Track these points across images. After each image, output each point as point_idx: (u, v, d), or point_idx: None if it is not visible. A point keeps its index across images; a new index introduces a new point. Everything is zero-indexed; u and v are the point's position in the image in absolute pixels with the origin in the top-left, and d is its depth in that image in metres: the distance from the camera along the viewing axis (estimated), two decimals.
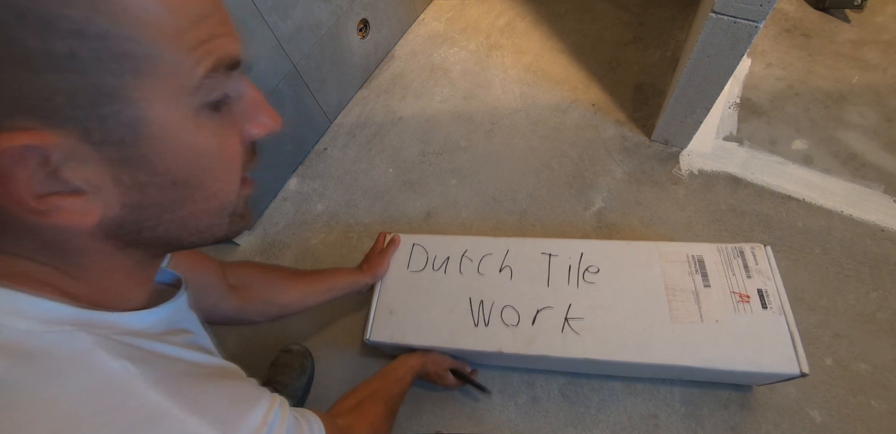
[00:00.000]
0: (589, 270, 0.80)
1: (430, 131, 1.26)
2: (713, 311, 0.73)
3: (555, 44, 1.40)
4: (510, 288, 0.81)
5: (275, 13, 0.95)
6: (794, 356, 0.68)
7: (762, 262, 0.77)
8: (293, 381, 0.89)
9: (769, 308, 0.72)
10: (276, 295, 0.68)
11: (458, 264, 0.85)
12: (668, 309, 0.74)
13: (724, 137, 1.16)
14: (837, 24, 1.32)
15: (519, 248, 0.85)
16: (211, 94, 0.26)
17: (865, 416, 0.82)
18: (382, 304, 0.83)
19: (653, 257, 0.79)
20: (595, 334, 0.74)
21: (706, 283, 0.76)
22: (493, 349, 0.76)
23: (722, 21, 0.81)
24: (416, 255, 0.88)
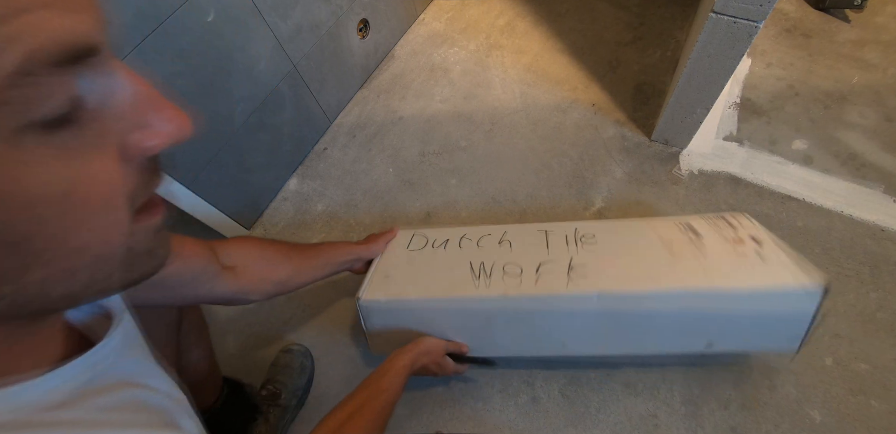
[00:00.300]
0: (584, 238, 0.81)
1: (430, 131, 1.26)
2: (713, 251, 0.73)
3: (555, 44, 1.40)
4: (510, 253, 0.80)
5: (275, 13, 0.95)
6: (803, 276, 0.66)
7: (744, 222, 0.80)
8: (293, 381, 0.89)
9: (764, 246, 0.72)
10: (272, 272, 0.66)
11: (458, 242, 0.85)
12: (668, 253, 0.74)
13: (724, 137, 1.16)
14: (837, 24, 1.32)
15: (516, 229, 0.86)
16: (36, 106, 0.17)
17: (865, 416, 0.82)
18: (380, 271, 0.82)
19: (644, 227, 0.83)
20: (601, 274, 0.72)
21: (697, 236, 0.77)
22: (497, 293, 0.72)
23: (722, 21, 0.81)
24: (416, 240, 0.88)
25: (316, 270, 0.74)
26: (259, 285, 0.64)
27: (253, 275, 0.63)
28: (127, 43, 0.71)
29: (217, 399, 0.76)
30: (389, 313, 0.77)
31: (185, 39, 0.79)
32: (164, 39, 0.76)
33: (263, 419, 0.83)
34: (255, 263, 0.64)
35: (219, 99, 0.91)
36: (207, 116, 0.91)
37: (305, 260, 0.72)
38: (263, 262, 0.65)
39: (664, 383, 0.88)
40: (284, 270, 0.68)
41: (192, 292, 0.55)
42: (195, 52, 0.82)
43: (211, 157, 0.95)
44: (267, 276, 0.65)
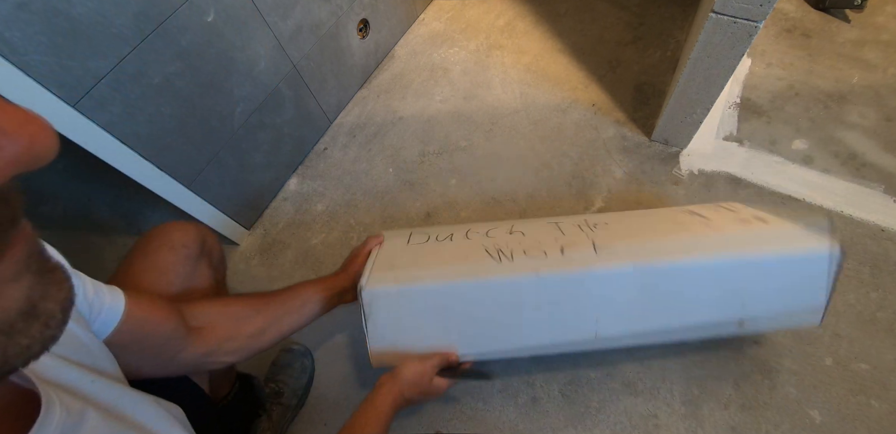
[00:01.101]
0: (597, 225, 0.79)
1: (430, 131, 1.26)
2: (727, 228, 0.74)
3: (555, 44, 1.40)
4: (525, 240, 0.75)
5: (275, 13, 0.95)
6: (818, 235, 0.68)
7: (742, 207, 0.82)
8: (294, 380, 0.90)
9: (770, 222, 0.74)
10: (240, 328, 0.60)
11: (465, 234, 0.78)
12: (686, 230, 0.75)
13: (724, 137, 1.16)
14: (837, 24, 1.32)
15: (523, 222, 0.84)
16: None
17: (865, 416, 0.82)
18: (382, 262, 0.72)
19: (652, 213, 0.85)
20: (629, 249, 0.70)
21: (707, 219, 0.78)
22: (528, 271, 0.66)
23: (722, 21, 0.81)
24: (415, 237, 0.81)
25: (294, 315, 0.67)
26: (228, 345, 0.58)
27: (220, 334, 0.58)
28: (127, 43, 0.71)
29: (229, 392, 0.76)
30: (399, 304, 0.67)
31: (185, 39, 0.79)
32: (164, 39, 0.76)
33: (267, 416, 0.84)
34: (220, 322, 0.59)
35: (219, 99, 0.91)
36: (207, 116, 0.91)
37: (280, 307, 0.65)
38: (229, 320, 0.60)
39: (664, 383, 0.88)
40: (254, 324, 0.62)
41: (159, 362, 0.51)
42: (195, 52, 0.82)
43: (211, 157, 0.95)
44: (235, 334, 0.59)
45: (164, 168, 0.85)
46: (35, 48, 0.61)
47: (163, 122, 0.82)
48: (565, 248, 0.70)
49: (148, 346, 0.47)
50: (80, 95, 0.68)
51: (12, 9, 0.58)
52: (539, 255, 0.69)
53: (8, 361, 0.17)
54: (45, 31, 0.62)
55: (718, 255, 0.68)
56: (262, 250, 1.11)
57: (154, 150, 0.82)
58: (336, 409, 0.91)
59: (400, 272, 0.69)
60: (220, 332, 0.58)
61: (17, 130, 0.14)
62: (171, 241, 0.63)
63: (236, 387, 0.78)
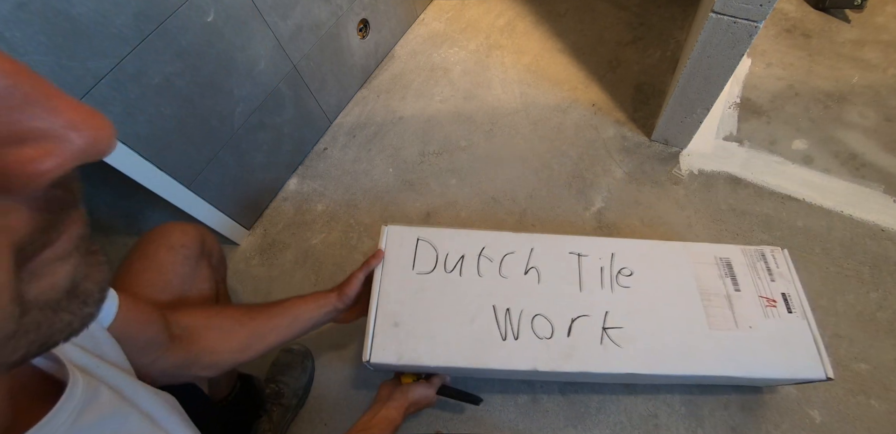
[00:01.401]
0: (622, 273, 0.75)
1: (430, 131, 1.26)
2: (746, 317, 0.72)
3: (555, 44, 1.40)
4: (539, 293, 0.72)
5: (275, 13, 0.95)
6: (819, 361, 0.69)
7: (782, 265, 0.78)
8: (294, 380, 0.90)
9: (794, 312, 0.73)
10: (223, 341, 0.58)
11: (476, 264, 0.74)
12: (705, 315, 0.72)
13: (724, 137, 1.16)
14: (837, 24, 1.32)
15: (544, 247, 0.77)
16: None
17: (865, 416, 0.82)
18: (384, 314, 0.70)
19: (683, 258, 0.77)
20: (636, 346, 0.69)
21: (736, 286, 0.75)
22: (527, 367, 0.67)
23: (722, 21, 0.81)
24: (422, 253, 0.75)
25: (282, 332, 0.65)
26: (207, 357, 0.57)
27: (201, 345, 0.56)
28: (127, 43, 0.71)
29: (230, 392, 0.76)
30: (404, 368, 0.71)
31: (185, 39, 0.79)
32: (164, 39, 0.76)
33: (268, 417, 0.84)
34: (203, 333, 0.57)
35: (219, 99, 0.91)
36: (207, 116, 0.91)
37: (266, 322, 0.64)
38: (213, 332, 0.58)
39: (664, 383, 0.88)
40: (237, 339, 0.60)
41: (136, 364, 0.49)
42: (195, 52, 0.82)
43: (211, 157, 0.95)
44: (216, 347, 0.58)
45: (164, 168, 0.85)
46: (35, 48, 0.61)
47: (163, 122, 0.82)
48: (575, 322, 0.70)
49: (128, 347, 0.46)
50: (79, 95, 0.68)
51: (12, 9, 0.58)
52: (545, 332, 0.69)
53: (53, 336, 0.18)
54: (45, 31, 0.62)
55: (715, 375, 0.69)
56: (262, 250, 1.11)
57: (154, 150, 0.82)
58: (336, 409, 0.91)
59: (403, 343, 0.68)
60: (202, 344, 0.56)
61: (85, 125, 0.15)
62: (171, 241, 0.63)
63: (237, 387, 0.78)
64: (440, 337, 0.69)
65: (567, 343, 0.69)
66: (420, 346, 0.68)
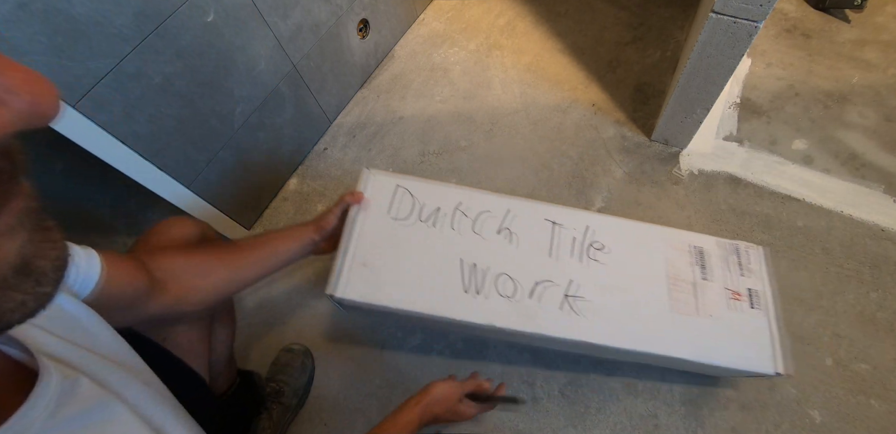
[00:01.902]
0: (594, 246, 0.76)
1: (430, 131, 1.26)
2: (708, 306, 0.73)
3: (555, 44, 1.40)
4: (508, 254, 0.73)
5: (275, 13, 0.95)
6: (772, 357, 0.70)
7: (755, 262, 0.79)
8: (294, 380, 0.90)
9: (757, 308, 0.74)
10: (203, 280, 0.59)
11: (451, 218, 0.74)
12: (668, 298, 0.73)
13: (724, 137, 1.16)
14: (837, 24, 1.32)
15: (521, 211, 0.77)
16: None
17: (865, 416, 0.82)
18: (354, 253, 0.70)
19: (658, 241, 0.78)
20: (595, 316, 0.70)
21: (704, 275, 0.76)
22: (486, 322, 0.68)
23: (722, 21, 0.81)
24: (399, 201, 0.75)
25: (260, 265, 0.66)
26: (194, 296, 0.58)
27: (183, 286, 0.57)
28: (127, 43, 0.71)
29: (230, 387, 0.77)
30: (366, 309, 0.70)
31: (185, 39, 0.79)
32: (164, 39, 0.76)
33: (267, 415, 0.84)
34: (183, 274, 0.58)
35: (219, 99, 0.91)
36: (207, 116, 0.91)
37: (243, 257, 0.64)
38: (192, 271, 0.59)
39: (664, 383, 0.88)
40: (218, 275, 0.61)
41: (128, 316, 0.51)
42: (195, 52, 0.82)
43: (211, 157, 0.95)
44: (198, 285, 0.59)
45: (164, 168, 0.85)
46: (35, 48, 0.61)
47: (163, 122, 0.82)
48: (538, 286, 0.71)
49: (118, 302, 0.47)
50: (80, 95, 0.68)
51: (12, 9, 0.58)
52: (508, 290, 0.70)
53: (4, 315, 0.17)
54: (45, 31, 0.62)
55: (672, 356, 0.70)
56: None
57: (154, 150, 0.82)
58: (336, 409, 0.91)
59: (370, 283, 0.68)
60: (185, 284, 0.57)
61: (23, 88, 0.15)
62: (172, 236, 0.64)
63: (237, 383, 0.78)
64: (405, 282, 0.69)
65: (528, 304, 0.70)
66: (385, 287, 0.68)
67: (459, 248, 0.73)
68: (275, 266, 0.68)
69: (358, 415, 0.90)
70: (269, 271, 0.67)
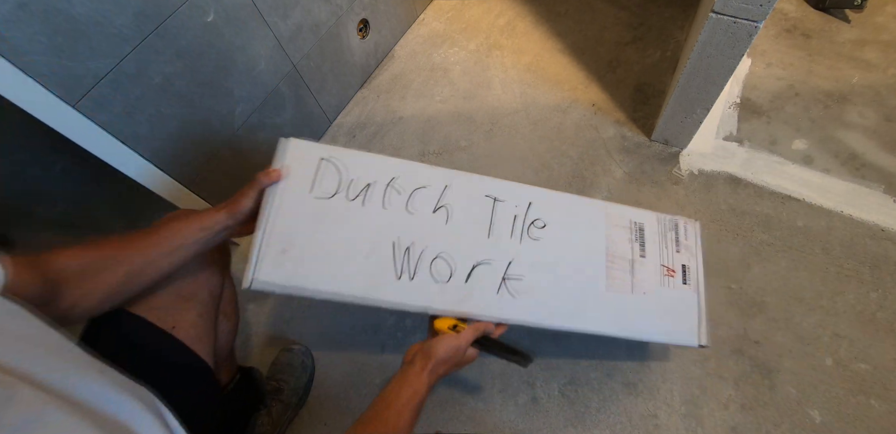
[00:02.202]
0: (535, 224, 0.74)
1: (430, 131, 1.26)
2: (643, 283, 0.75)
3: (555, 44, 1.40)
4: (444, 234, 0.68)
5: (275, 13, 0.95)
6: (696, 330, 0.75)
7: (691, 237, 0.81)
8: (294, 379, 0.90)
9: (688, 284, 0.77)
10: (96, 281, 0.54)
11: (382, 195, 0.68)
12: (605, 276, 0.74)
13: (724, 137, 1.16)
14: (837, 24, 1.32)
15: (460, 185, 0.72)
16: None
17: (865, 416, 0.82)
18: (272, 237, 0.61)
19: (599, 218, 0.78)
20: (530, 297, 0.68)
21: (643, 253, 0.77)
22: (419, 305, 0.64)
23: (722, 21, 0.81)
24: (323, 176, 0.66)
25: (164, 259, 0.58)
26: (85, 301, 0.53)
27: (74, 290, 0.52)
28: (127, 43, 0.71)
29: (230, 382, 0.77)
30: (287, 293, 0.62)
31: (185, 39, 0.79)
32: (164, 39, 0.76)
33: (267, 412, 0.84)
34: (75, 276, 0.53)
35: (219, 99, 0.91)
36: (207, 116, 0.91)
37: (142, 251, 0.58)
38: (84, 272, 0.53)
39: (664, 383, 0.88)
40: (114, 275, 0.55)
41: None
42: (195, 52, 0.82)
43: (211, 156, 0.95)
44: (91, 289, 0.53)
45: (164, 168, 0.85)
46: (35, 48, 0.61)
47: (163, 122, 0.82)
48: (476, 269, 0.67)
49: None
50: (80, 95, 0.68)
51: (12, 9, 0.58)
52: (443, 275, 0.66)
53: None
54: (45, 31, 0.62)
55: (604, 332, 0.71)
56: None
57: (154, 150, 0.82)
58: (336, 409, 0.91)
59: (289, 267, 0.61)
60: (77, 287, 0.52)
61: None
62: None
63: (237, 377, 0.78)
64: (332, 267, 0.63)
65: (463, 288, 0.66)
66: (309, 275, 0.62)
67: (391, 229, 0.66)
68: (183, 257, 0.60)
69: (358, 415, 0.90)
70: (178, 264, 0.60)
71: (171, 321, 0.60)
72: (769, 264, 0.98)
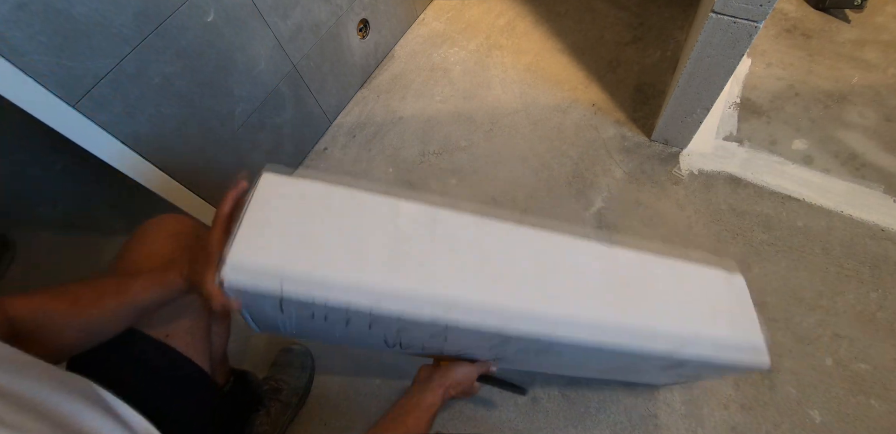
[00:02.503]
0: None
1: (430, 131, 1.26)
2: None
3: (555, 44, 1.40)
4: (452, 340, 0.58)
5: (275, 13, 0.95)
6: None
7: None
8: (294, 379, 0.90)
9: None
10: (54, 339, 0.50)
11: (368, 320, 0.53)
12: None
13: (724, 137, 1.16)
14: (837, 24, 1.32)
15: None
16: None
17: (865, 416, 0.82)
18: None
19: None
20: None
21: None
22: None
23: (722, 21, 0.81)
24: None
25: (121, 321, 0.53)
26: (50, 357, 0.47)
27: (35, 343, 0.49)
28: (127, 43, 0.71)
29: (225, 384, 0.76)
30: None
31: (185, 39, 0.79)
32: (164, 39, 0.76)
33: (265, 412, 0.84)
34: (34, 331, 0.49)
35: (219, 99, 0.91)
36: (207, 116, 0.91)
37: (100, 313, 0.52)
38: (45, 329, 0.50)
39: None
40: (71, 334, 0.51)
41: None
42: (195, 52, 0.82)
43: (211, 156, 0.95)
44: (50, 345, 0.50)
45: (164, 168, 0.85)
46: (35, 48, 0.61)
47: (163, 122, 0.82)
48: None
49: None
50: (80, 95, 0.68)
51: (12, 9, 0.58)
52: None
53: None
54: (45, 31, 0.62)
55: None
56: None
57: (154, 150, 0.82)
58: (336, 409, 0.91)
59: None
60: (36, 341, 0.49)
61: None
62: (169, 229, 0.62)
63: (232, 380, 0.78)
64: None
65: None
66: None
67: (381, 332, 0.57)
68: (138, 316, 0.54)
69: (358, 415, 0.90)
70: (130, 323, 0.55)
71: (163, 329, 0.58)
72: (769, 264, 0.98)
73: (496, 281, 0.56)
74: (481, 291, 0.54)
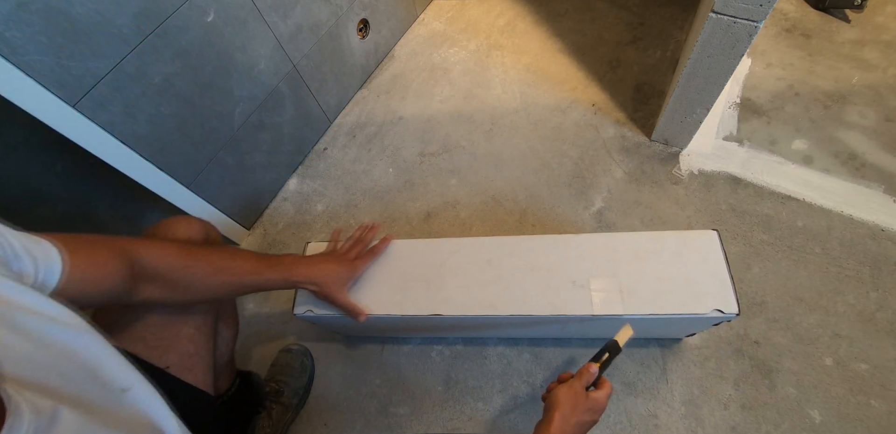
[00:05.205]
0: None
1: (430, 131, 1.26)
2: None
3: (555, 44, 1.40)
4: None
5: (275, 13, 0.95)
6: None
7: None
8: (294, 380, 0.90)
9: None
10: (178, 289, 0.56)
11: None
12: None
13: (724, 137, 1.16)
14: (837, 24, 1.32)
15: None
16: None
17: (865, 416, 0.82)
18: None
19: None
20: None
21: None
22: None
23: (722, 21, 0.81)
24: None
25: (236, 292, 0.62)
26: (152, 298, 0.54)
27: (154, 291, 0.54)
28: (127, 43, 0.71)
29: (230, 387, 0.77)
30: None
31: (185, 39, 0.79)
32: (164, 39, 0.76)
33: (267, 414, 0.84)
34: (162, 279, 0.54)
35: (219, 99, 0.91)
36: (207, 116, 0.91)
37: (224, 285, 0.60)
38: (171, 281, 0.55)
39: (664, 383, 0.88)
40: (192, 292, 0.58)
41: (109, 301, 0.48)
42: (195, 52, 0.82)
43: (211, 156, 0.95)
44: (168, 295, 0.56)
45: (164, 168, 0.85)
46: (35, 48, 0.61)
47: (163, 122, 0.82)
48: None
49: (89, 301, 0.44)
50: (80, 95, 0.68)
51: (12, 9, 0.58)
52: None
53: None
54: (45, 31, 0.62)
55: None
56: (263, 250, 1.11)
57: (154, 150, 0.82)
58: (336, 409, 0.91)
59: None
60: (164, 290, 0.54)
61: None
62: (177, 233, 0.63)
63: (237, 382, 0.78)
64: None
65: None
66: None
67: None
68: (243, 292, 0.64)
69: (358, 415, 0.90)
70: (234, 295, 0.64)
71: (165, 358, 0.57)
72: (769, 264, 0.98)
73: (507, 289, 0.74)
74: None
